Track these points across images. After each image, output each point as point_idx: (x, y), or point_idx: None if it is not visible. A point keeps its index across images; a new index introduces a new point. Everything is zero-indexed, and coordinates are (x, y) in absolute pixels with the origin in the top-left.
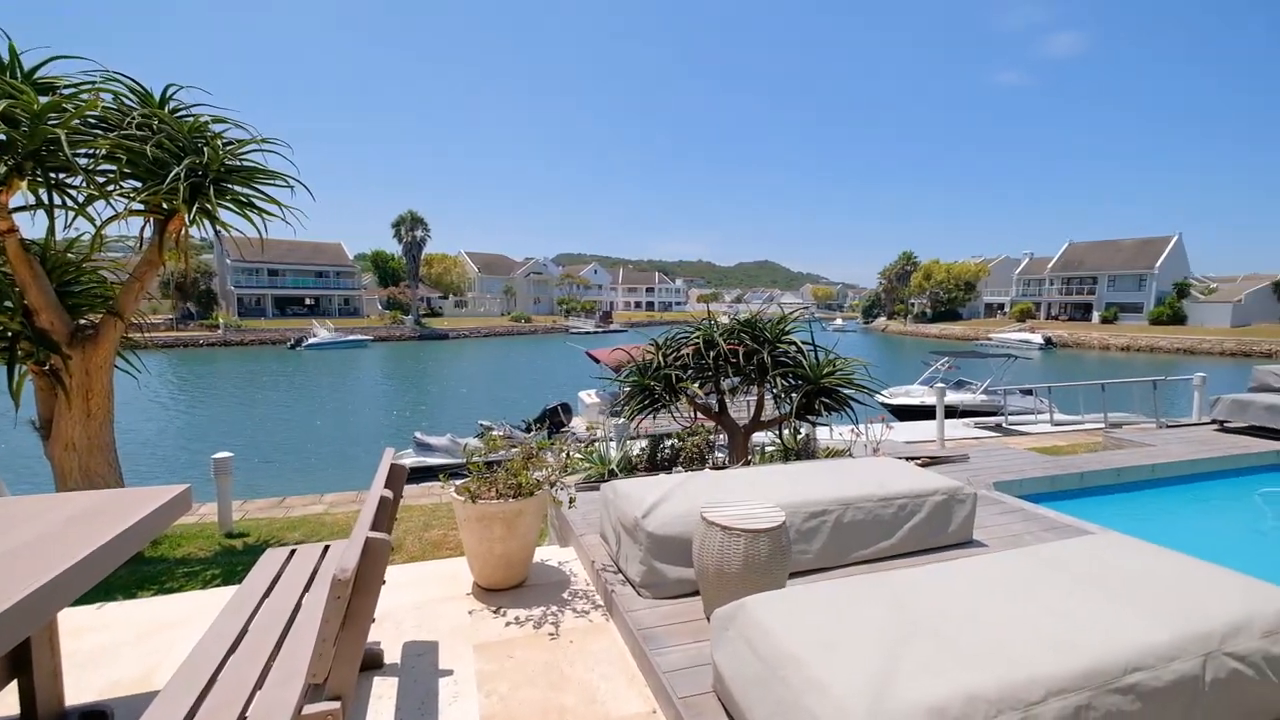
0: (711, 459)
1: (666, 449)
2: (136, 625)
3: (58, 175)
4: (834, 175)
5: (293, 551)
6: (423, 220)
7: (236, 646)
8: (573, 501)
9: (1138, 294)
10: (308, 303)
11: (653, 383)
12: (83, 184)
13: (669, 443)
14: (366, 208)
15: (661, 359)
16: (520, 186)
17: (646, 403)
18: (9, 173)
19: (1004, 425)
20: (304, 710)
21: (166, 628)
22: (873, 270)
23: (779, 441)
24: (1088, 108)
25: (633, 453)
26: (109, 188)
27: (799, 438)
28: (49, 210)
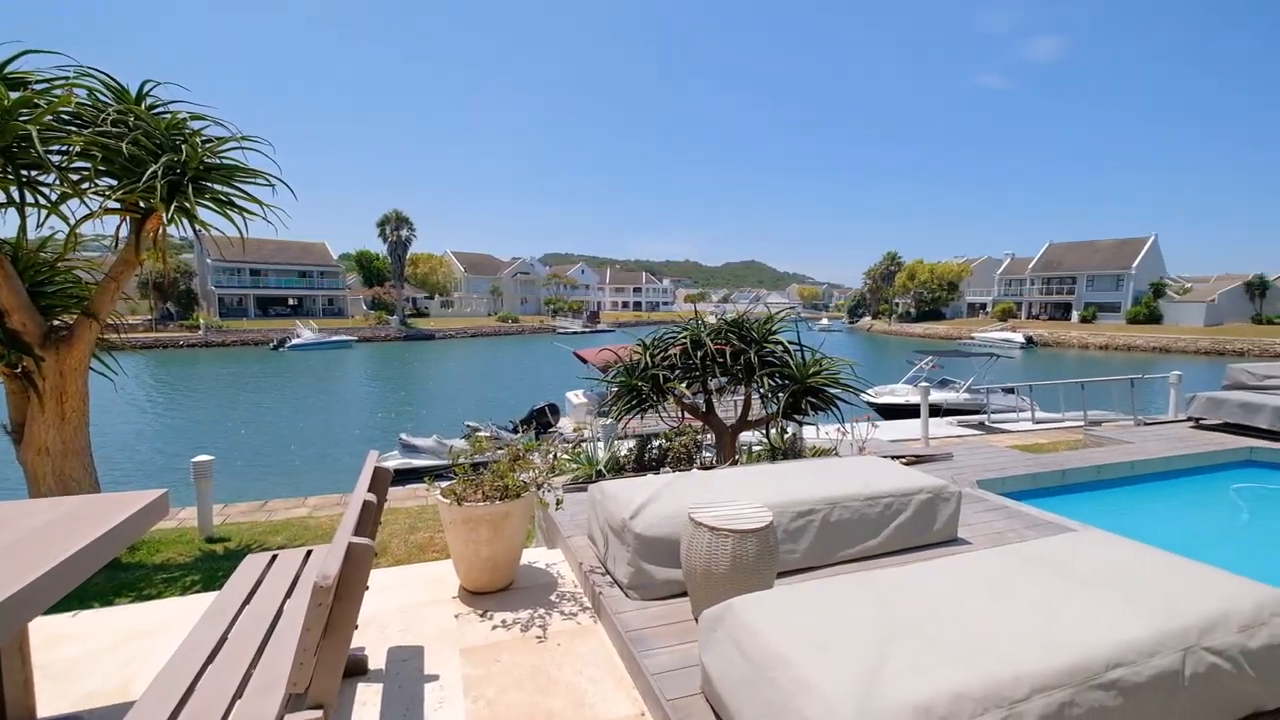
0: (699, 459)
1: (654, 449)
2: (113, 633)
3: (29, 172)
4: (820, 176)
5: (274, 557)
6: (408, 220)
7: (216, 655)
8: (560, 503)
9: (1115, 294)
10: (291, 303)
11: (640, 383)
12: (56, 181)
13: (656, 443)
14: (352, 207)
15: (649, 359)
16: (507, 187)
17: (634, 403)
18: None
19: (987, 423)
20: None
21: (144, 636)
22: (858, 270)
23: (766, 441)
24: (1072, 110)
25: (620, 453)
26: (83, 185)
27: (786, 437)
28: (20, 208)
